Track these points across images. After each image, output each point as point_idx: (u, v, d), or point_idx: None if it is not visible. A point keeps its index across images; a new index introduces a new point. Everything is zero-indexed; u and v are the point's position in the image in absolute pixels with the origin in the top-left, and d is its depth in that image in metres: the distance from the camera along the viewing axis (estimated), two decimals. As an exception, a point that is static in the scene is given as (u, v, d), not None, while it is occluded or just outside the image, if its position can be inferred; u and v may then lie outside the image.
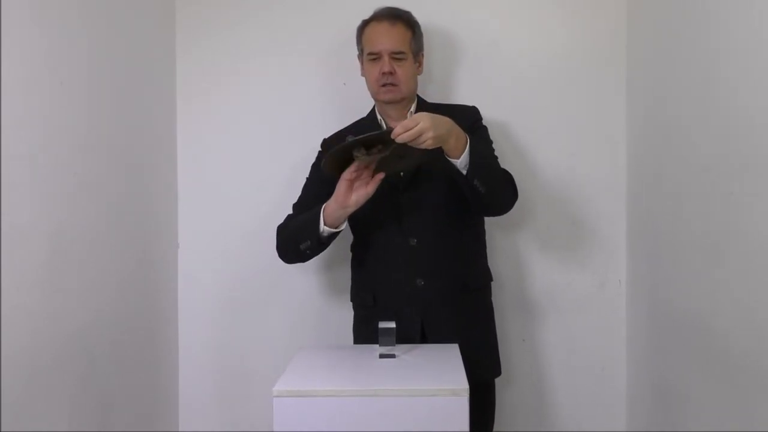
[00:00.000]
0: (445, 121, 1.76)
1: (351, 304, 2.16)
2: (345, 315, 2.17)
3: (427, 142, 1.69)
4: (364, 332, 2.05)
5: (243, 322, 2.42)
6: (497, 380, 2.23)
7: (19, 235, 1.59)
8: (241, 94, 2.41)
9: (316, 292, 2.39)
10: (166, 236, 2.38)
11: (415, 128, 1.67)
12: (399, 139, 1.68)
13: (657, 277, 2.09)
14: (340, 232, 1.92)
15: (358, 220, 2.00)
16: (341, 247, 2.33)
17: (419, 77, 2.10)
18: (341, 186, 1.84)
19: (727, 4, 1.63)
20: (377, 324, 1.78)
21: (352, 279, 2.14)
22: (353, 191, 1.84)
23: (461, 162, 1.79)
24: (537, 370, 2.38)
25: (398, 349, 1.77)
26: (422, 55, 2.10)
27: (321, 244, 1.92)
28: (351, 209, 1.85)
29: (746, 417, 1.55)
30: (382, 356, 1.74)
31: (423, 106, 2.07)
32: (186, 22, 2.41)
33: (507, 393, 2.35)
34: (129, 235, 2.11)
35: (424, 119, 1.69)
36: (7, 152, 1.54)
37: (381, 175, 1.83)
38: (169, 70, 2.40)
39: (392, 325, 1.75)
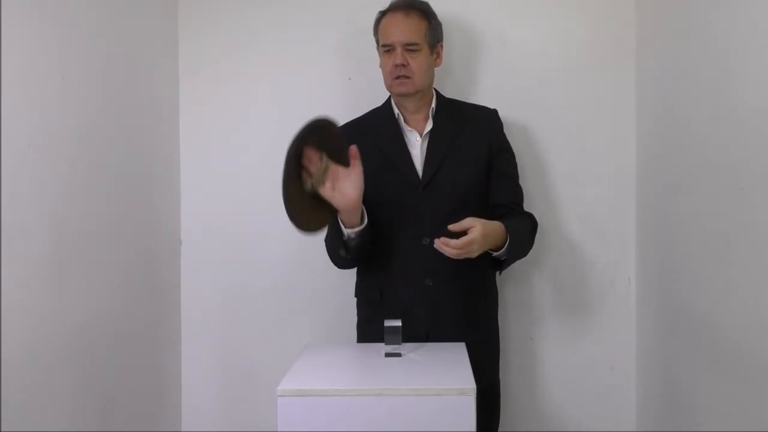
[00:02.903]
0: (495, 235, 1.82)
1: (355, 301, 2.13)
2: (350, 313, 2.15)
3: (470, 256, 1.76)
4: (369, 330, 2.03)
5: (246, 320, 2.40)
6: (505, 380, 2.21)
7: (20, 230, 1.57)
8: (245, 89, 2.39)
9: (321, 289, 2.37)
10: (169, 232, 2.36)
11: (465, 249, 1.73)
12: (447, 252, 1.73)
13: (667, 275, 2.06)
14: (365, 224, 1.86)
15: (373, 211, 1.96)
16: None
17: (438, 69, 2.08)
18: (336, 199, 1.77)
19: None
20: (382, 322, 1.76)
21: (358, 274, 2.12)
22: (351, 191, 1.77)
23: (499, 254, 1.87)
24: (545, 369, 2.35)
25: (404, 348, 1.76)
26: (441, 46, 2.06)
27: (353, 245, 1.88)
28: (356, 201, 1.79)
29: (757, 417, 1.52)
30: (387, 355, 1.73)
31: (441, 102, 2.06)
32: (189, 17, 2.39)
33: (514, 392, 2.33)
34: (131, 231, 2.09)
35: (479, 242, 1.74)
36: (7, 147, 1.53)
37: (355, 149, 1.77)
38: (172, 65, 2.38)
39: (398, 323, 1.73)
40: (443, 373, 1.62)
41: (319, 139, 1.75)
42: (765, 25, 1.47)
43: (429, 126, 2.01)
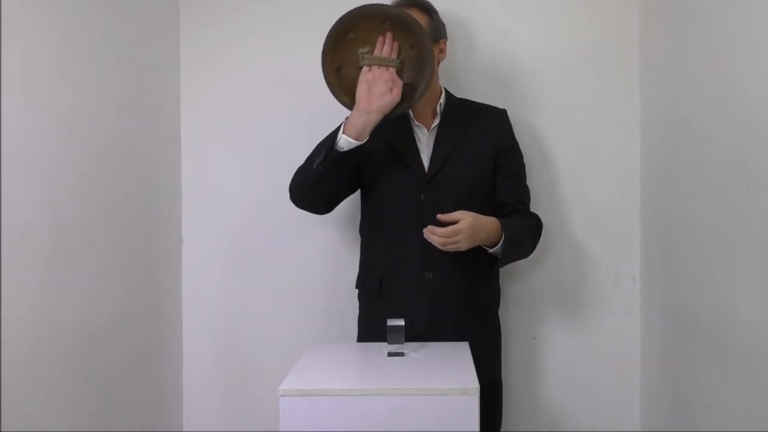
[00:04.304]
0: (488, 230, 1.82)
1: (357, 299, 2.12)
2: (352, 312, 2.14)
3: (458, 248, 1.77)
4: (370, 326, 2.03)
5: (248, 319, 2.39)
6: (507, 379, 2.20)
7: (20, 229, 1.57)
8: (246, 87, 2.38)
9: (323, 288, 2.36)
10: (170, 231, 2.35)
11: (451, 238, 1.74)
12: (431, 240, 1.76)
13: (672, 274, 2.05)
14: (359, 147, 1.84)
15: (377, 200, 2.00)
16: (347, 245, 2.31)
17: (443, 68, 2.09)
18: (361, 88, 1.83)
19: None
20: (382, 317, 1.77)
21: (359, 266, 2.11)
22: (377, 97, 1.82)
23: (494, 250, 1.87)
24: (548, 368, 2.34)
25: (407, 347, 1.76)
26: (444, 43, 2.07)
27: (334, 158, 1.83)
28: (375, 116, 1.82)
29: (763, 417, 1.51)
30: (390, 354, 1.72)
31: (450, 100, 2.05)
32: (190, 14, 2.38)
33: (517, 392, 2.31)
34: (132, 230, 2.08)
35: (465, 233, 1.75)
36: (7, 145, 1.52)
37: (400, 82, 1.85)
38: (173, 63, 2.37)
39: (401, 322, 1.73)
40: (446, 372, 1.61)
41: (415, 39, 1.84)
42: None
43: (436, 121, 2.01)
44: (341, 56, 1.87)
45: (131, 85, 2.09)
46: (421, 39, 1.84)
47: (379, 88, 1.82)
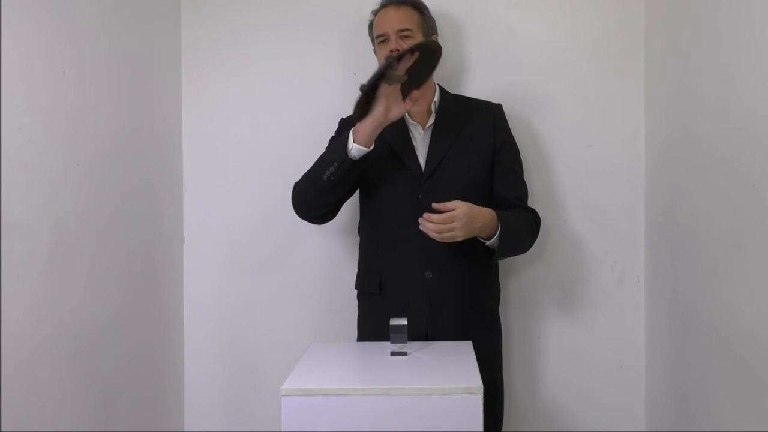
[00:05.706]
0: (483, 221, 1.80)
1: (357, 299, 2.11)
2: (352, 312, 2.13)
3: (454, 237, 1.75)
4: (369, 326, 2.02)
5: (250, 319, 2.38)
6: (510, 378, 2.18)
7: (21, 227, 1.56)
8: (247, 86, 2.37)
9: (325, 287, 2.35)
10: (172, 230, 2.34)
11: (447, 225, 1.73)
12: (426, 230, 1.75)
13: (677, 272, 2.03)
14: (367, 153, 1.85)
15: (376, 201, 1.99)
16: (348, 244, 2.30)
17: (444, 64, 2.05)
18: (381, 104, 1.81)
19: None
20: (381, 317, 1.76)
21: (358, 265, 2.11)
22: (394, 101, 1.83)
23: (490, 242, 1.86)
24: (552, 368, 2.33)
25: (410, 347, 1.75)
26: (436, 37, 2.07)
27: (347, 167, 1.84)
28: (387, 123, 1.84)
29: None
30: (393, 354, 1.71)
31: (445, 97, 2.04)
32: (191, 11, 2.38)
33: (521, 391, 2.30)
34: (133, 228, 2.07)
35: (461, 220, 1.74)
36: (8, 143, 1.51)
37: (416, 93, 1.85)
38: (175, 60, 2.36)
39: (404, 321, 1.72)
40: (449, 372, 1.60)
41: (423, 57, 1.82)
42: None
43: (432, 119, 2.00)
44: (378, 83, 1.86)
45: (132, 84, 2.08)
46: (421, 44, 1.83)
47: (392, 102, 1.83)
